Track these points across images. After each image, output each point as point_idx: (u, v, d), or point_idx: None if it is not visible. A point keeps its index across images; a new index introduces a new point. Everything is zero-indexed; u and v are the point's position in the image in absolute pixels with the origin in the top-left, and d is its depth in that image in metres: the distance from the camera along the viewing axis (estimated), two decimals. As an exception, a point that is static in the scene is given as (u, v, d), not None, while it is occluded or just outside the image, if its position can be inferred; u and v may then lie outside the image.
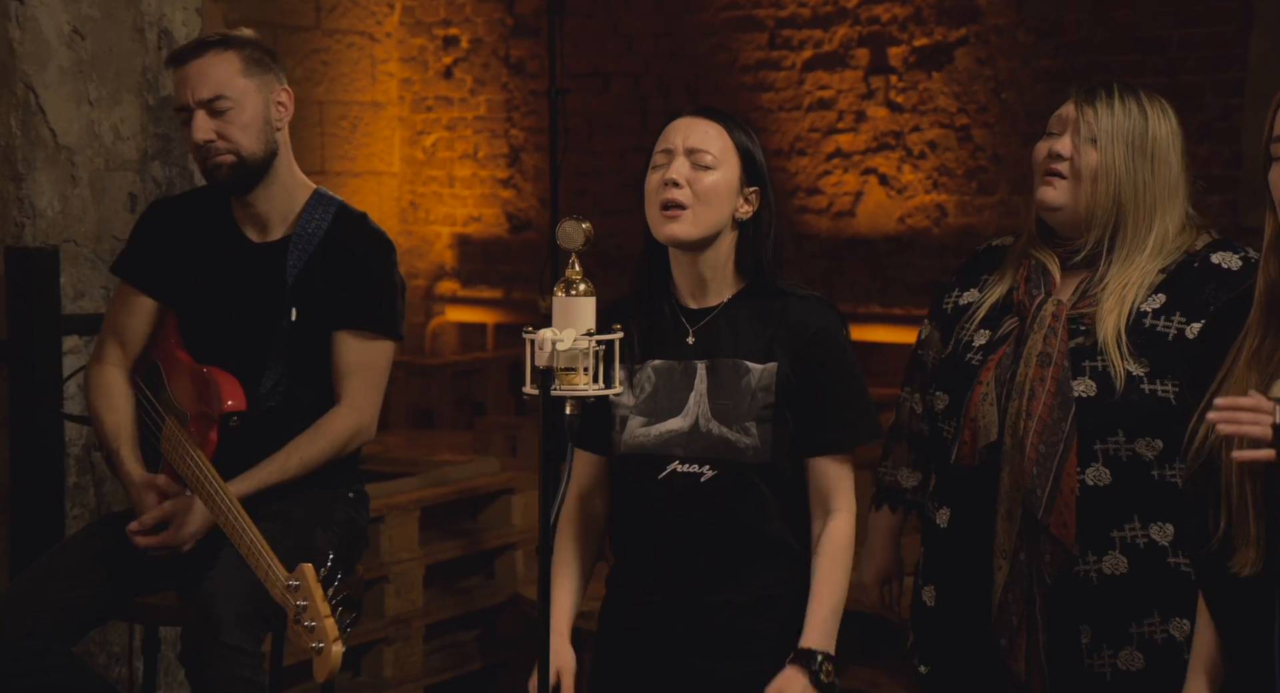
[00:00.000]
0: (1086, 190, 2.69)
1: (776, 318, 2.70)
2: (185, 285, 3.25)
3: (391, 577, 4.97)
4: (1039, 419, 2.63)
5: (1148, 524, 2.66)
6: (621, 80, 8.02)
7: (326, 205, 3.24)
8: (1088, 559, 2.66)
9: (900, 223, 7.33)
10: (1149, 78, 6.57)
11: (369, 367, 3.17)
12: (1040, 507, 2.62)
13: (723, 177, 2.69)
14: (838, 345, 2.72)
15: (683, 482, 2.68)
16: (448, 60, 8.54)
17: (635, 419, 2.71)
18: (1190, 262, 2.70)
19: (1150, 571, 2.66)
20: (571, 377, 2.42)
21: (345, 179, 8.37)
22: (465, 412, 7.66)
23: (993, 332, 2.76)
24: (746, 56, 7.66)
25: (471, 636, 5.38)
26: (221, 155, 3.16)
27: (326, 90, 8.29)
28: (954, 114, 7.18)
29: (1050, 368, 2.65)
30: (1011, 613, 2.66)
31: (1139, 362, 2.63)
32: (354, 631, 2.64)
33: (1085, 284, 2.71)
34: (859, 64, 7.40)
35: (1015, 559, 2.65)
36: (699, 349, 2.71)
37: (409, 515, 5.04)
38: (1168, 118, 2.73)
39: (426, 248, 8.64)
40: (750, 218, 2.72)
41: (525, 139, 8.35)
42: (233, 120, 3.15)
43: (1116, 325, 2.65)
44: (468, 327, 8.54)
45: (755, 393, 2.66)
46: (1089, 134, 2.70)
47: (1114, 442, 2.64)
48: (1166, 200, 2.71)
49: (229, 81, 3.15)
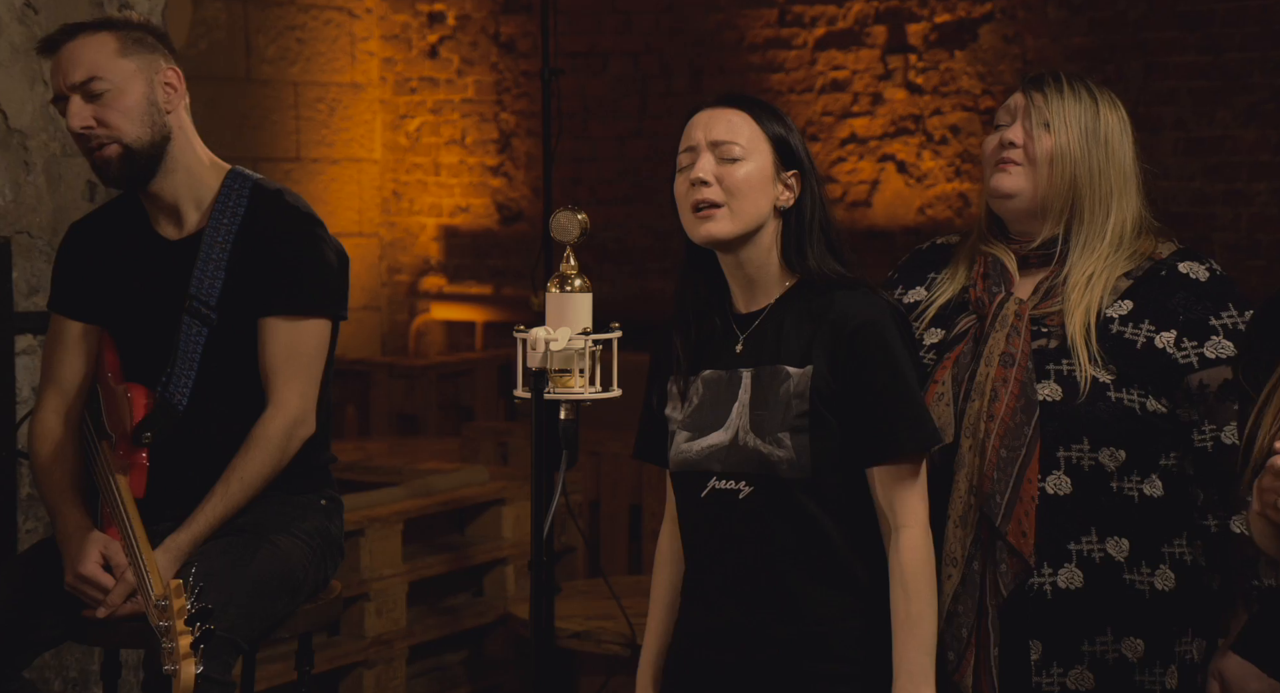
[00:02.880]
0: (1043, 175, 2.79)
1: (820, 315, 2.64)
2: (111, 301, 3.26)
3: (372, 594, 4.96)
4: (1001, 422, 2.69)
5: (1104, 538, 2.72)
6: (620, 60, 8.01)
7: (241, 187, 3.22)
8: (1043, 572, 2.71)
9: (920, 214, 7.32)
10: (1190, 56, 6.55)
11: (296, 355, 3.16)
12: (999, 514, 2.67)
13: (755, 166, 2.66)
14: (884, 341, 2.61)
15: (723, 500, 2.66)
16: (433, 38, 8.53)
17: (682, 434, 2.71)
18: (1157, 269, 2.78)
19: (1105, 587, 2.71)
20: (566, 379, 2.42)
21: (322, 166, 8.36)
22: (452, 417, 7.66)
23: (946, 330, 2.81)
24: (754, 34, 7.65)
25: (458, 658, 5.37)
26: (106, 146, 3.14)
27: (302, 70, 8.27)
28: (978, 96, 7.16)
29: (1014, 368, 2.71)
30: (961, 625, 2.70)
31: (1106, 368, 2.71)
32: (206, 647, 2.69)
33: (1047, 283, 2.79)
34: (875, 42, 7.38)
35: (968, 568, 2.69)
36: (747, 357, 2.68)
37: (391, 528, 5.04)
38: (1117, 108, 2.84)
39: (410, 241, 8.63)
40: (792, 205, 2.69)
41: (516, 123, 8.34)
42: (111, 105, 3.13)
43: (1085, 322, 2.73)
44: (455, 325, 8.53)
45: (790, 401, 2.62)
46: (1041, 119, 2.80)
47: (1077, 449, 2.71)
48: (1122, 187, 2.80)
49: (104, 63, 3.13)
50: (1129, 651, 2.72)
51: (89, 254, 3.29)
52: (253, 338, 3.18)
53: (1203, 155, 6.59)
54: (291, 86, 8.22)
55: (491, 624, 5.37)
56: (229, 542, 3.08)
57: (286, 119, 8.18)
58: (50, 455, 3.23)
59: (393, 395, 7.68)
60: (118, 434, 3.21)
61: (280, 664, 4.57)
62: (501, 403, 7.74)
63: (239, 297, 3.16)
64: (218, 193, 3.21)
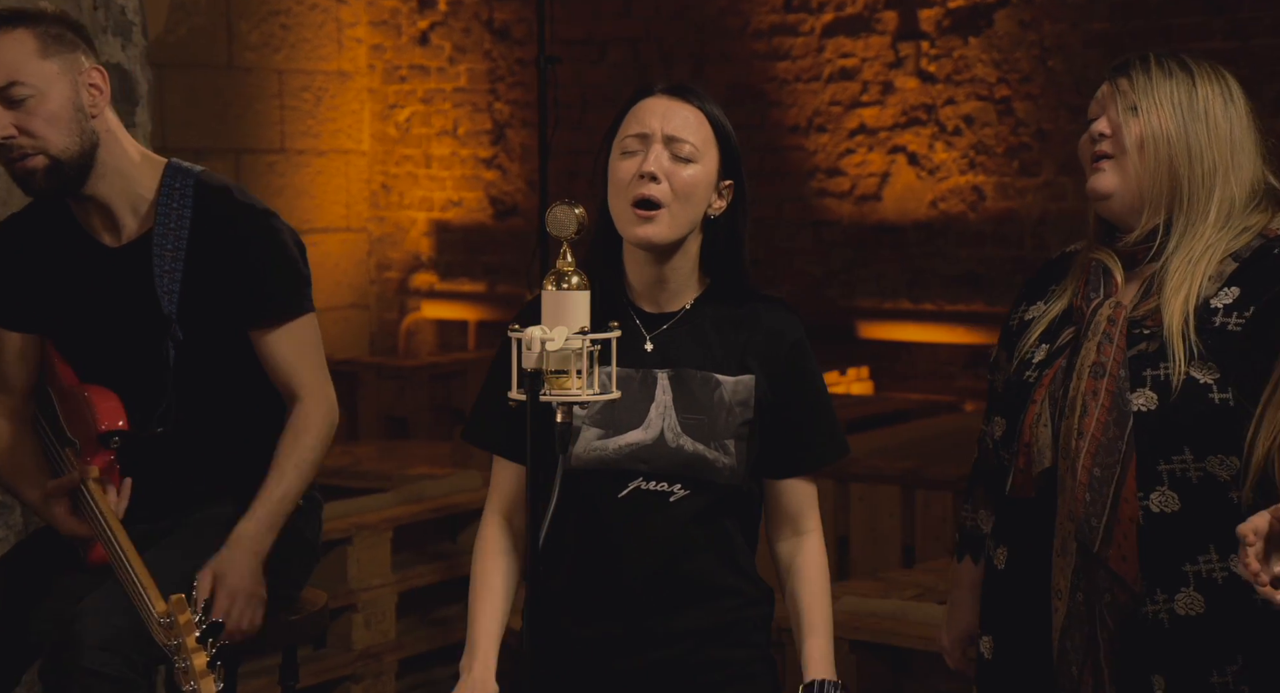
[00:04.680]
0: (1134, 163, 2.66)
1: (747, 326, 2.76)
2: (48, 310, 3.20)
3: (360, 605, 4.96)
4: (1091, 438, 2.59)
5: (1226, 556, 2.57)
6: (618, 47, 8.01)
7: (183, 185, 3.13)
8: (1157, 598, 2.59)
9: (932, 208, 7.32)
10: (1216, 42, 6.55)
11: (303, 354, 3.17)
12: (1096, 538, 2.57)
13: (702, 170, 2.70)
14: (809, 357, 2.81)
15: (648, 501, 2.70)
16: (423, 24, 8.53)
17: (590, 431, 2.71)
18: (1269, 248, 2.63)
19: (1231, 609, 2.58)
20: (563, 380, 2.41)
21: (308, 158, 8.35)
22: (443, 419, 7.66)
23: (1051, 346, 2.73)
24: (759, 20, 7.65)
25: (450, 672, 5.36)
26: (30, 158, 3.02)
27: (286, 58, 8.27)
28: (993, 84, 7.16)
29: (1104, 379, 2.60)
30: (1071, 662, 2.61)
31: (1206, 367, 2.57)
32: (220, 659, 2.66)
33: (1150, 280, 2.66)
34: (886, 28, 7.38)
35: (1073, 600, 2.61)
36: (659, 357, 2.73)
37: (380, 536, 5.04)
38: (1220, 77, 2.69)
39: (400, 236, 8.63)
40: (722, 214, 2.73)
41: (511, 114, 8.34)
42: (34, 111, 3.01)
43: (1184, 311, 2.59)
44: (446, 324, 8.54)
45: (731, 408, 2.71)
46: (1127, 104, 2.68)
47: (1180, 461, 2.58)
48: (1229, 159, 2.66)
49: (23, 65, 3.00)
50: (1269, 678, 2.58)
51: (19, 260, 3.20)
52: (220, 346, 3.15)
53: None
54: (275, 75, 8.21)
55: (485, 637, 5.36)
56: (191, 543, 3.08)
57: (270, 109, 8.18)
58: (5, 450, 3.22)
59: (381, 397, 7.67)
60: (83, 439, 3.18)
61: (264, 679, 4.57)
62: (495, 405, 7.72)
63: (201, 307, 3.12)
64: (157, 193, 3.12)
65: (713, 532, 2.74)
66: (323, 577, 4.96)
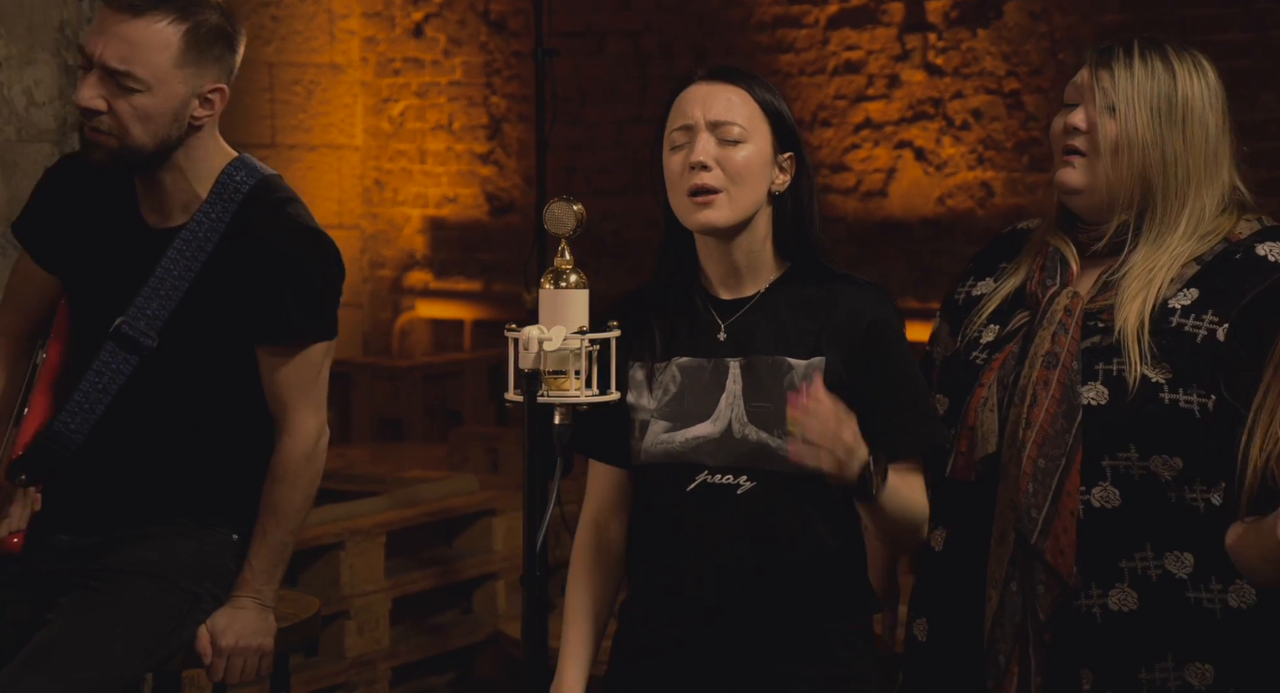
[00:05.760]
0: (1106, 166, 2.69)
1: (824, 307, 2.70)
2: (76, 267, 3.14)
3: (353, 612, 4.97)
4: (1039, 429, 2.63)
5: (1162, 554, 2.64)
6: (618, 39, 8.00)
7: (238, 186, 3.05)
8: (1091, 593, 2.65)
9: (939, 204, 7.32)
10: (1233, 33, 6.54)
11: (305, 379, 3.09)
12: (1035, 530, 2.62)
13: (754, 149, 2.68)
14: (896, 341, 2.71)
15: (715, 494, 2.67)
16: (418, 16, 8.52)
17: (658, 424, 2.71)
18: (1231, 252, 2.68)
19: (1164, 607, 2.64)
20: (561, 381, 2.41)
21: (299, 153, 8.35)
22: (439, 421, 7.66)
23: (1002, 327, 2.76)
24: (762, 12, 7.65)
25: (445, 680, 5.38)
26: (103, 135, 2.96)
27: (277, 50, 8.26)
28: (1002, 77, 7.16)
29: (1056, 370, 2.64)
30: (999, 651, 2.66)
31: (1159, 366, 2.62)
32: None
33: (1108, 275, 2.70)
34: (892, 20, 7.38)
35: (1005, 590, 2.65)
36: (732, 346, 2.70)
37: (374, 541, 5.04)
38: (1202, 73, 2.73)
39: (394, 233, 8.63)
40: (787, 189, 2.71)
41: (508, 108, 8.33)
42: (134, 102, 2.94)
43: (1140, 314, 2.63)
44: (441, 324, 8.53)
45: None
46: (1106, 102, 2.69)
47: (1125, 458, 2.64)
48: (1203, 171, 2.69)
49: (149, 60, 2.94)
50: (1195, 678, 2.63)
51: (70, 199, 3.14)
52: (202, 361, 3.06)
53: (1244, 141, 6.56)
54: (265, 67, 8.21)
55: (481, 644, 5.38)
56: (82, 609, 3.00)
57: (260, 102, 8.18)
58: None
59: (375, 399, 7.68)
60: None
61: (253, 689, 4.56)
62: (492, 407, 7.74)
63: (202, 316, 3.04)
64: (212, 186, 3.06)
65: (794, 529, 2.66)
66: (315, 582, 4.96)
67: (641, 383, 2.71)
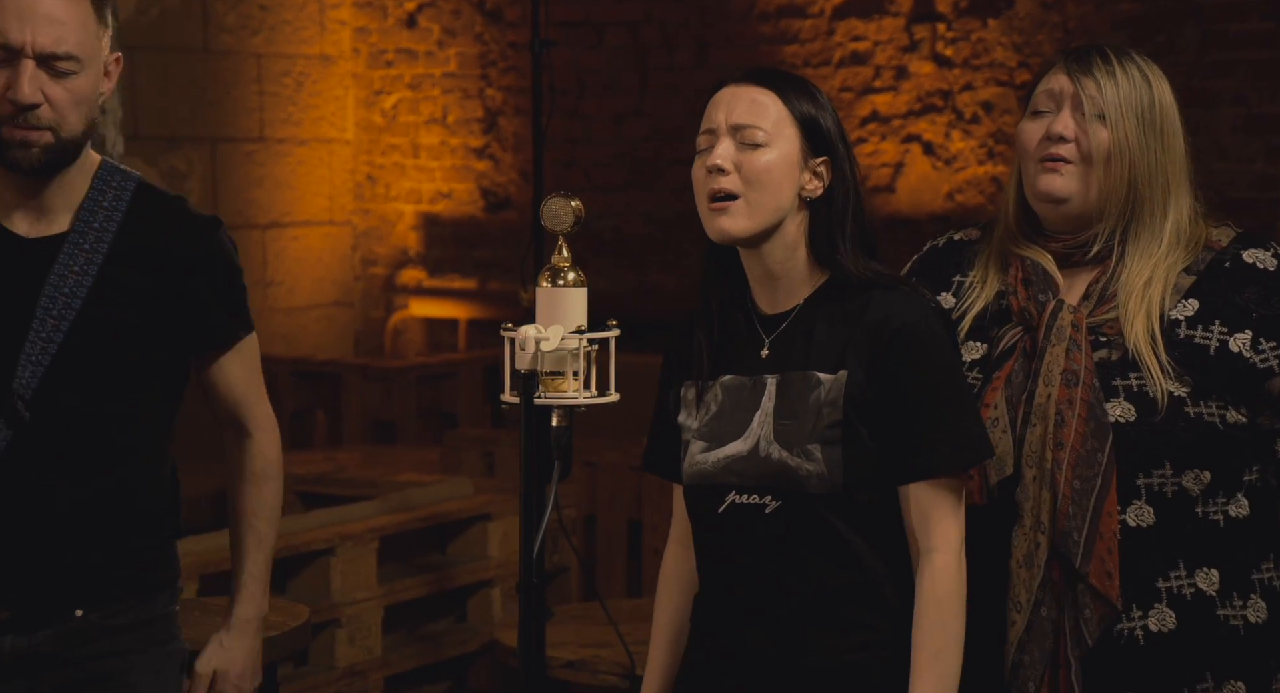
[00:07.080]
0: (1099, 175, 2.71)
1: (856, 316, 2.64)
2: None
3: (344, 620, 4.96)
4: (1071, 449, 2.63)
5: (1193, 571, 2.67)
6: (617, 31, 8.00)
7: (120, 186, 2.90)
8: (1132, 615, 2.65)
9: (949, 199, 7.32)
10: (1253, 23, 6.55)
11: (253, 375, 3.06)
12: (1078, 553, 2.61)
13: (778, 154, 2.64)
14: (927, 345, 2.61)
15: (745, 515, 2.65)
16: (410, 6, 8.53)
17: (696, 444, 2.70)
18: (1220, 261, 2.71)
19: (1200, 626, 2.66)
20: (559, 382, 2.41)
21: (289, 147, 8.35)
22: (432, 424, 7.66)
23: (988, 344, 2.76)
24: (765, 2, 7.65)
25: (439, 690, 5.38)
26: (38, 131, 2.77)
27: (266, 41, 8.26)
28: (1013, 69, 7.16)
29: (1078, 388, 2.64)
30: (1028, 678, 2.65)
31: (1180, 380, 2.64)
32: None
33: (1099, 286, 2.72)
34: (900, 10, 7.38)
35: (1035, 614, 2.64)
36: (773, 363, 2.67)
37: (365, 547, 5.04)
38: (1165, 83, 2.77)
39: (386, 229, 8.63)
40: (821, 195, 2.67)
41: (504, 100, 8.34)
42: (69, 88, 2.78)
43: (1149, 328, 2.66)
44: (435, 323, 8.53)
45: (821, 409, 2.61)
46: (1095, 110, 2.71)
47: (1159, 475, 2.65)
48: (1179, 179, 2.74)
49: (83, 40, 2.78)
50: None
51: None
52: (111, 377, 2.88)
53: (1265, 134, 6.58)
54: (254, 59, 8.21)
55: (476, 653, 5.37)
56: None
57: (249, 95, 8.17)
58: None
59: (367, 400, 7.67)
60: None
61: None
62: (487, 409, 7.74)
63: (105, 327, 2.85)
64: (89, 188, 2.88)
65: (830, 550, 2.61)
66: (304, 590, 4.96)
67: (690, 402, 2.71)
